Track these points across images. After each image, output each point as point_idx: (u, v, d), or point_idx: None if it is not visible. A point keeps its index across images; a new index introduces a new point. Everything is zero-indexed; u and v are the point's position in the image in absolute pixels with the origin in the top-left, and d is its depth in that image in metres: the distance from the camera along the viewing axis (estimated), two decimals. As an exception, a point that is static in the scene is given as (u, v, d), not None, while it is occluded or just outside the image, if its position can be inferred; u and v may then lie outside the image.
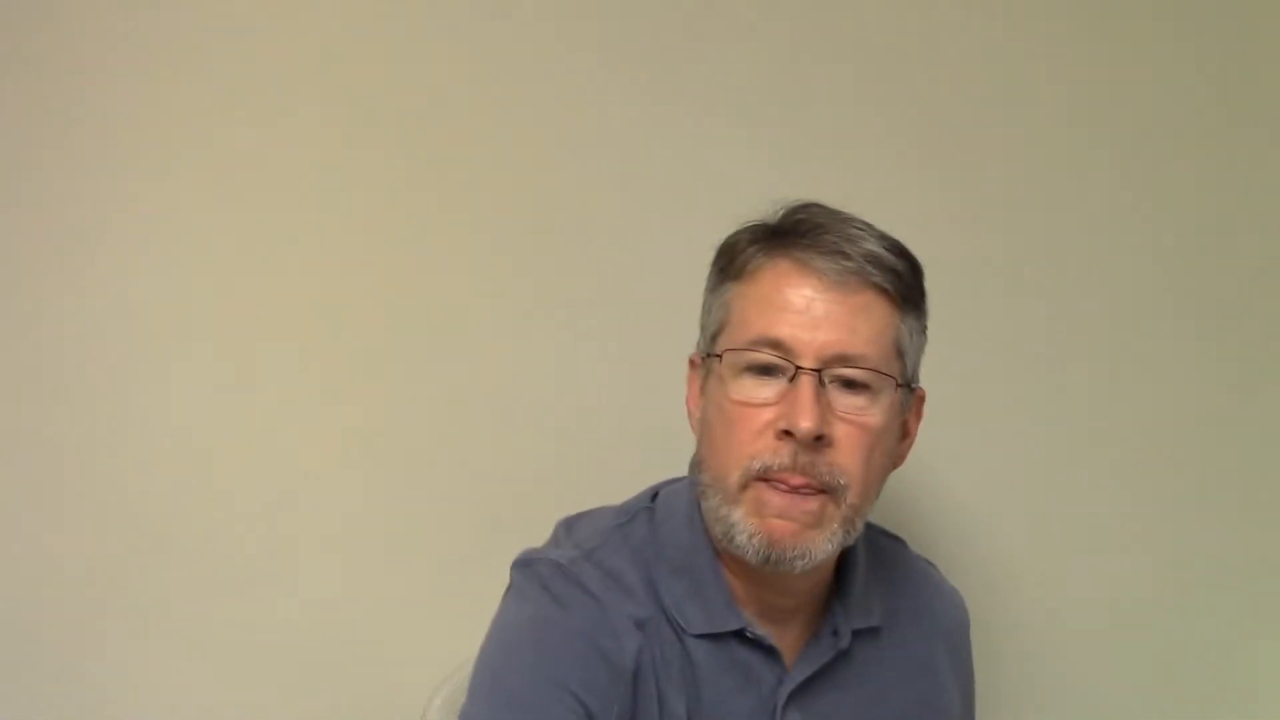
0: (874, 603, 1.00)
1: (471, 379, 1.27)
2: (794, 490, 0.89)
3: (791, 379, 0.89)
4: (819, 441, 0.88)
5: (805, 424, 0.87)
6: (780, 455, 0.88)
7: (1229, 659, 1.45)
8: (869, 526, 1.01)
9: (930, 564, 1.11)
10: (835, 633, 0.97)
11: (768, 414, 0.89)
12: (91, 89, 1.21)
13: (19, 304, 1.20)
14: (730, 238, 0.97)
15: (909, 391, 0.96)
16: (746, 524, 0.90)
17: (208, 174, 1.22)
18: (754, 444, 0.89)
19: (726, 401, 0.91)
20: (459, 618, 1.03)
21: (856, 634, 0.98)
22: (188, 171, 1.22)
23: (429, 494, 1.23)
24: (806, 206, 0.95)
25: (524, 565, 0.97)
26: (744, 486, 0.90)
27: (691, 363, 1.00)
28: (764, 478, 0.89)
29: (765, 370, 0.90)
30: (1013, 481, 1.39)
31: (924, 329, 0.97)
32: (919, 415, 0.99)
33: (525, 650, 0.91)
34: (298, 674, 1.25)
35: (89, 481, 1.22)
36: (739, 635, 0.94)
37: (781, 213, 0.96)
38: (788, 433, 0.88)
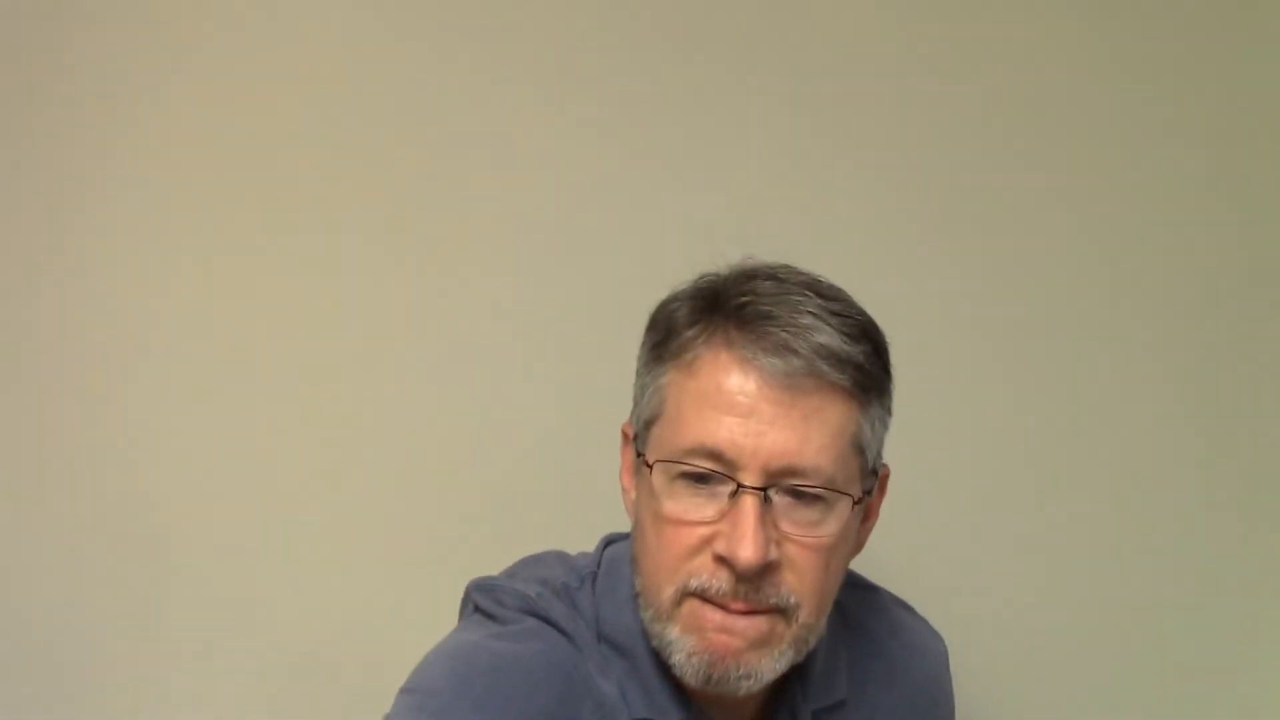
0: (838, 674, 0.92)
1: (469, 382, 1.27)
2: (737, 613, 0.80)
3: (733, 496, 0.78)
4: (764, 568, 0.78)
5: (746, 555, 0.77)
6: (719, 579, 0.78)
7: (1228, 663, 1.43)
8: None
9: (906, 608, 1.02)
10: (793, 716, 0.89)
11: (704, 531, 0.79)
12: (87, 90, 1.21)
13: (16, 305, 1.21)
14: (668, 308, 0.85)
15: (872, 478, 0.85)
16: (684, 642, 0.80)
17: (205, 177, 1.22)
18: (689, 563, 0.79)
19: (659, 515, 0.80)
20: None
21: (818, 712, 0.90)
22: (185, 175, 1.22)
23: (427, 498, 1.23)
24: (754, 279, 0.82)
25: (485, 590, 0.90)
26: (678, 603, 0.80)
27: (624, 434, 0.89)
28: (701, 596, 0.79)
29: (703, 479, 0.79)
30: (1006, 484, 1.38)
31: (889, 410, 0.85)
32: (883, 493, 0.89)
33: (476, 678, 0.81)
34: (294, 675, 1.26)
35: (85, 483, 1.23)
36: None
37: (726, 281, 0.83)
38: (726, 559, 0.78)
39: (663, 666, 0.84)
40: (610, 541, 0.93)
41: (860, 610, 0.97)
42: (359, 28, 1.24)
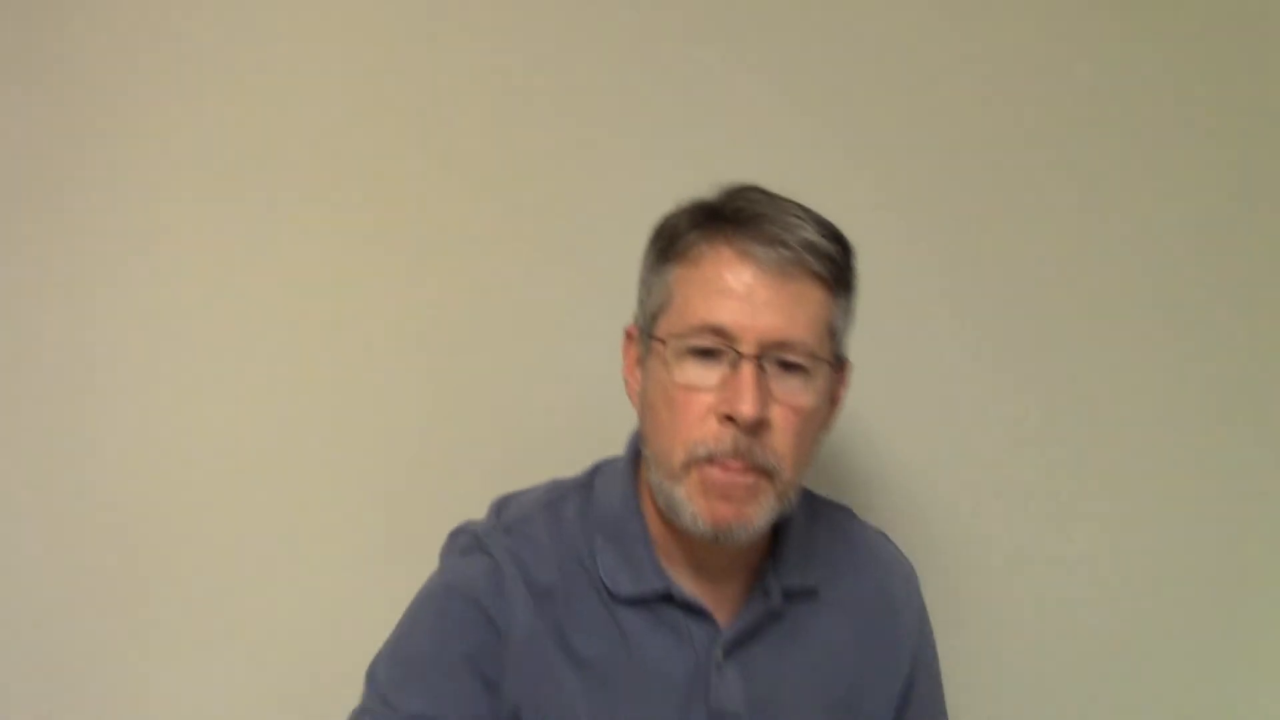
0: (812, 566, 1.04)
1: (469, 378, 1.29)
2: (735, 471, 0.94)
3: (733, 364, 0.93)
4: (759, 425, 0.93)
5: (747, 410, 0.91)
6: (723, 441, 0.93)
7: (1229, 663, 1.44)
8: (815, 498, 1.09)
9: (881, 534, 1.14)
10: (766, 593, 1.01)
11: (710, 398, 0.93)
12: (90, 90, 1.22)
13: (18, 305, 1.21)
14: (670, 219, 1.00)
15: (839, 365, 1.00)
16: (691, 505, 0.94)
17: (206, 176, 1.24)
18: (699, 429, 0.93)
19: (671, 385, 0.95)
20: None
21: (792, 596, 1.02)
22: (186, 174, 1.23)
23: (424, 497, 1.24)
24: (745, 191, 0.98)
25: (453, 535, 1.04)
26: (687, 468, 0.94)
27: (628, 334, 1.03)
28: (708, 460, 0.93)
29: (707, 353, 0.94)
30: (1008, 480, 1.39)
31: (853, 307, 1.00)
32: (846, 384, 1.03)
33: (429, 617, 0.98)
34: (292, 673, 1.27)
35: (84, 483, 1.23)
36: (667, 598, 0.99)
37: (721, 196, 0.98)
38: (730, 418, 0.92)
39: (649, 547, 0.99)
40: (601, 463, 1.07)
41: (837, 517, 1.11)
42: (360, 28, 1.26)
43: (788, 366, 0.94)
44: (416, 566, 1.15)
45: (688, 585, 1.00)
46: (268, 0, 1.23)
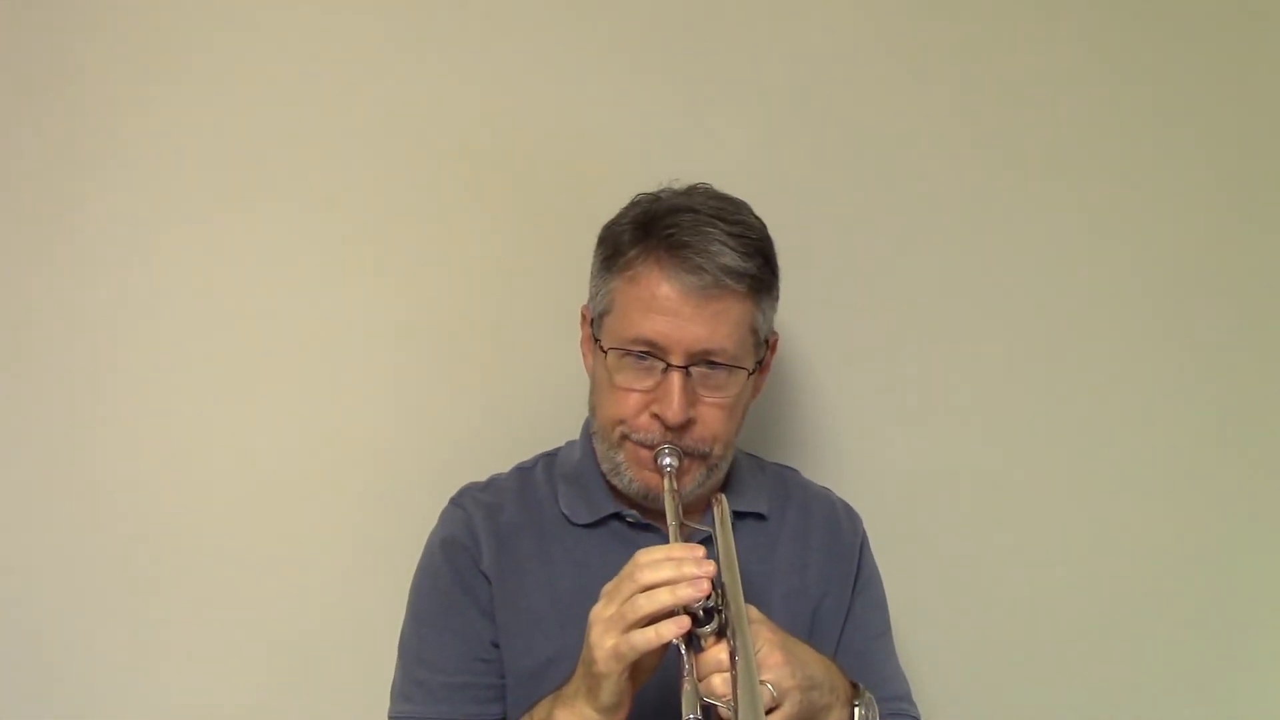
0: (760, 498, 1.20)
1: (471, 381, 1.32)
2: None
3: (664, 372, 1.09)
4: (685, 423, 1.09)
5: (671, 417, 1.08)
6: (651, 432, 1.10)
7: (1229, 663, 1.46)
8: (765, 460, 1.26)
9: (827, 489, 1.29)
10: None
11: (645, 396, 1.10)
12: (91, 91, 1.24)
13: (18, 305, 1.25)
14: (614, 230, 1.14)
15: (764, 347, 1.15)
16: (627, 471, 1.13)
17: (206, 178, 1.27)
18: (633, 419, 1.11)
19: (612, 383, 1.11)
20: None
21: (740, 516, 1.17)
22: (187, 175, 1.27)
23: (422, 498, 1.24)
24: (677, 212, 1.11)
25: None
26: (622, 440, 1.12)
27: (583, 314, 1.19)
28: (639, 444, 1.11)
29: (642, 356, 1.10)
30: (1004, 479, 1.43)
31: (776, 298, 1.15)
32: (774, 352, 1.20)
33: (426, 573, 1.16)
34: (293, 672, 1.31)
35: (84, 483, 1.26)
36: (619, 518, 1.16)
37: (655, 211, 1.12)
38: (659, 416, 1.09)
39: (603, 485, 1.17)
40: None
41: (785, 472, 1.28)
42: (363, 29, 1.29)
43: (715, 365, 1.09)
44: (414, 566, 1.16)
45: (637, 513, 1.16)
46: (264, 4, 1.26)
